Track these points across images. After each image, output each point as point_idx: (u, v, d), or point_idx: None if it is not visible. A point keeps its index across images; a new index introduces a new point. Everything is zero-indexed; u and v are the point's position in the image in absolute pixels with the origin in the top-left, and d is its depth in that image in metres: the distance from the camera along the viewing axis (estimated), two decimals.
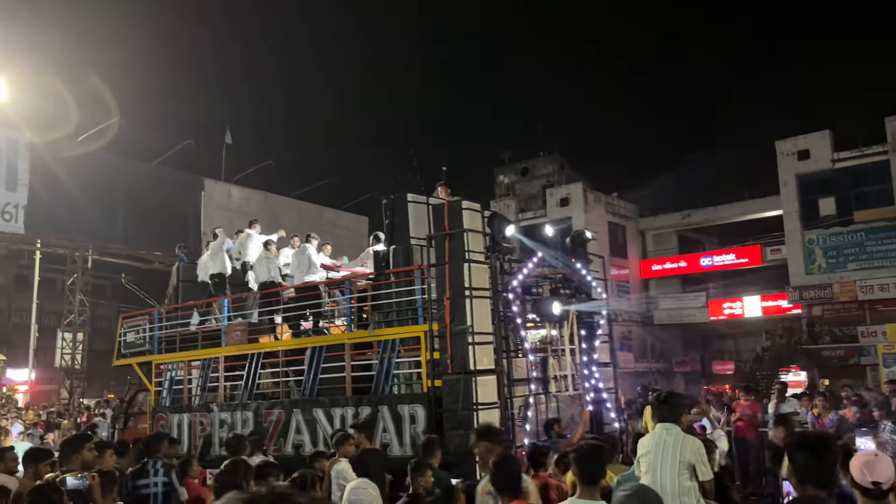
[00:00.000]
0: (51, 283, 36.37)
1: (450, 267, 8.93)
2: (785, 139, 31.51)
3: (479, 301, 8.88)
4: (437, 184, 11.14)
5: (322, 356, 10.29)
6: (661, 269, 38.03)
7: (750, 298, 34.39)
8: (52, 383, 31.69)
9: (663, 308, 37.35)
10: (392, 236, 10.15)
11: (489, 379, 8.78)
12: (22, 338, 36.60)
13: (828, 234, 30.25)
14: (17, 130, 23.75)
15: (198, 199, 28.87)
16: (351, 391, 9.76)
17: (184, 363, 12.44)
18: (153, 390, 12.84)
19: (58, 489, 4.32)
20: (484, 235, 9.33)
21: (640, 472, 5.09)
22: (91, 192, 24.21)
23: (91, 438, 6.21)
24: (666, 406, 5.20)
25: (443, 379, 8.78)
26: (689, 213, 37.01)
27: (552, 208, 36.71)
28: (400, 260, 9.84)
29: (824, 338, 28.80)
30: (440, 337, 8.91)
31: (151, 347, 13.15)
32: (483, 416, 8.41)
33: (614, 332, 34.95)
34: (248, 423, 10.53)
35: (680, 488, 4.79)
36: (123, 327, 14.21)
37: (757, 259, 34.31)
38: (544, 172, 40.85)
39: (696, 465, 4.85)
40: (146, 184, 26.36)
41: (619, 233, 37.78)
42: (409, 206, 9.93)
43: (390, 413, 9.00)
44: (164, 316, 13.21)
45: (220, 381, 11.68)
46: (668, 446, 4.91)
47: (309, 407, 9.96)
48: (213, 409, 11.26)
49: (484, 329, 8.89)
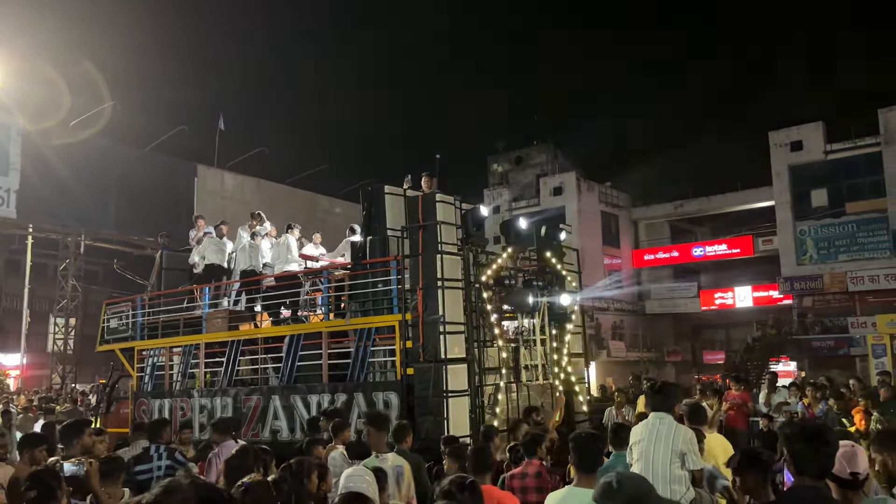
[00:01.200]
0: (43, 268, 36.19)
1: (423, 258, 9.16)
2: (778, 130, 31.62)
3: (451, 292, 9.12)
4: (422, 174, 11.27)
5: (300, 344, 10.45)
6: (653, 258, 38.18)
7: (741, 289, 34.62)
8: (44, 368, 31.60)
9: (655, 298, 37.54)
10: (369, 227, 10.28)
11: (460, 367, 9.01)
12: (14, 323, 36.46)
13: (819, 225, 30.41)
14: (9, 115, 23.60)
15: (191, 185, 28.79)
16: (327, 378, 9.94)
17: (165, 349, 12.65)
18: (135, 376, 12.98)
19: (56, 475, 4.32)
20: (457, 227, 9.52)
21: (632, 459, 5.16)
22: (83, 178, 24.12)
23: (91, 423, 6.23)
24: (660, 395, 5.27)
25: (414, 367, 9.01)
26: (682, 203, 37.14)
27: (545, 197, 36.74)
28: (376, 251, 10.01)
29: (815, 328, 29.02)
30: (413, 326, 9.12)
31: (134, 334, 13.28)
32: (453, 403, 8.67)
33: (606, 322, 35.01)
34: (227, 409, 10.72)
35: (671, 476, 4.88)
36: (107, 313, 14.34)
37: (749, 249, 34.50)
38: (538, 161, 40.81)
39: (687, 454, 4.93)
40: (139, 169, 26.27)
41: (612, 222, 37.88)
42: (385, 198, 10.09)
43: (365, 400, 9.22)
44: (147, 303, 13.33)
45: (201, 367, 11.87)
46: (661, 435, 4.98)
47: (287, 393, 10.13)
48: (193, 395, 11.48)
49: (456, 319, 9.12)
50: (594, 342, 33.02)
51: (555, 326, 10.74)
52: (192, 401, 11.41)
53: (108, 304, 14.67)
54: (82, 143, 24.65)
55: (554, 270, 10.87)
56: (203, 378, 11.87)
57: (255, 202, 30.82)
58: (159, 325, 12.73)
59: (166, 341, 12.58)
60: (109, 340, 13.93)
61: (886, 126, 28.76)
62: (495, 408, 9.34)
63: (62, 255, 29.10)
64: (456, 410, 8.75)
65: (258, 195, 31.35)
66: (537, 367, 10.20)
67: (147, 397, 12.34)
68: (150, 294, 13.72)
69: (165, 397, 11.99)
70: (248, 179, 31.55)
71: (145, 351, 13.06)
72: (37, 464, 5.44)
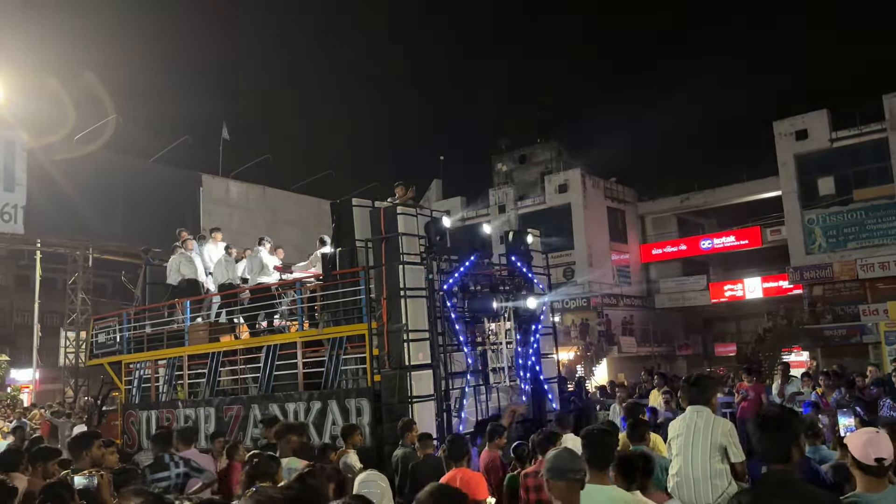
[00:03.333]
0: (52, 282, 36.38)
1: (386, 268, 9.50)
2: (783, 119, 31.44)
3: (414, 300, 9.44)
4: (394, 184, 11.54)
5: (276, 354, 10.80)
6: (661, 252, 38.03)
7: (751, 280, 34.44)
8: (57, 382, 31.73)
9: (664, 292, 37.39)
10: (338, 239, 10.59)
11: (425, 373, 9.32)
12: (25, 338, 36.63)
13: (827, 213, 30.22)
14: (13, 131, 23.70)
15: (196, 194, 28.85)
16: (303, 387, 10.25)
17: (151, 362, 13.06)
18: (123, 388, 13.39)
19: (69, 487, 4.32)
20: (419, 238, 9.81)
21: (671, 454, 5.07)
22: (89, 191, 24.19)
23: (100, 436, 6.23)
24: (696, 388, 5.16)
25: (381, 374, 9.33)
26: (688, 196, 36.97)
27: (551, 195, 36.66)
28: (346, 261, 10.29)
29: (826, 317, 28.82)
30: (379, 335, 9.45)
31: (121, 348, 13.63)
32: (418, 408, 8.99)
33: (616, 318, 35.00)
34: (210, 419, 11.08)
35: (712, 470, 4.76)
36: (95, 328, 14.78)
37: (757, 240, 34.32)
38: (542, 159, 40.73)
39: (727, 446, 4.81)
40: (144, 181, 26.33)
41: (618, 217, 37.76)
42: (354, 210, 10.41)
43: (338, 406, 9.54)
44: (133, 317, 13.65)
45: (185, 378, 12.21)
46: (700, 428, 4.88)
47: (265, 402, 10.45)
48: (178, 406, 11.87)
49: (419, 326, 9.43)
50: (604, 338, 32.91)
51: (522, 329, 10.98)
52: (177, 411, 11.77)
53: (95, 319, 15.13)
54: (87, 157, 24.72)
55: (521, 274, 11.17)
56: (187, 389, 12.23)
57: (261, 210, 30.94)
58: (145, 339, 13.10)
59: (151, 354, 12.98)
60: (98, 355, 14.32)
61: (892, 111, 28.54)
62: (461, 411, 9.60)
63: (70, 268, 29.19)
64: (422, 415, 8.97)
65: (263, 203, 31.41)
66: (503, 369, 10.42)
67: (135, 409, 12.75)
68: (135, 308, 14.02)
69: (152, 408, 12.37)
70: (254, 187, 31.59)
71: (132, 364, 13.43)
72: (49, 477, 5.44)
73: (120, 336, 13.67)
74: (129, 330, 13.48)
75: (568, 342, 33.23)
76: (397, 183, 11.45)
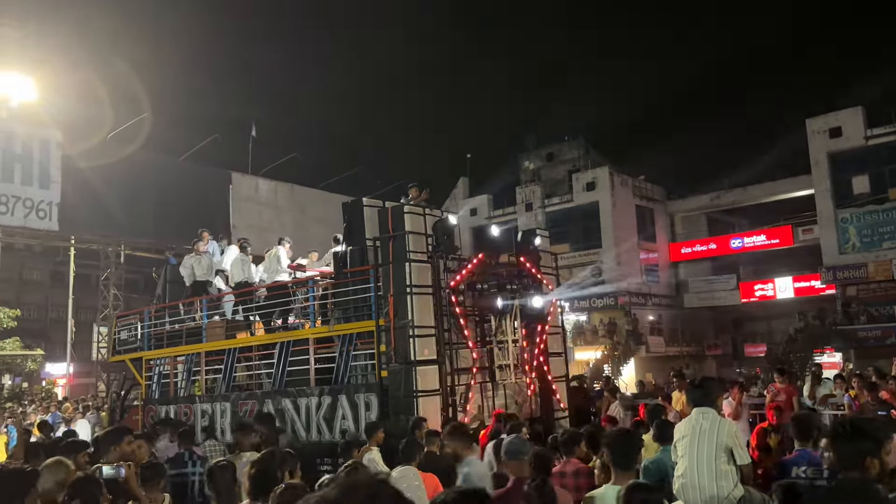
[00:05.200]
0: (85, 278, 37.05)
1: (393, 266, 9.74)
2: (816, 117, 30.91)
3: (420, 297, 9.65)
4: (409, 185, 11.82)
5: (289, 350, 11.07)
6: (690, 251, 37.61)
7: (782, 280, 33.92)
8: (90, 376, 32.37)
9: (693, 291, 36.99)
10: (350, 238, 10.84)
11: (430, 369, 9.53)
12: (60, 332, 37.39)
13: (862, 212, 29.65)
14: (48, 130, 24.17)
15: (226, 192, 29.17)
16: (315, 382, 10.49)
17: (170, 358, 13.46)
18: (143, 384, 13.73)
19: (97, 481, 4.38)
20: (427, 236, 10.03)
21: (676, 456, 5.04)
22: (121, 189, 24.58)
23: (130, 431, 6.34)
24: (701, 390, 5.15)
25: (388, 369, 9.57)
26: (719, 194, 36.49)
27: (578, 193, 36.44)
28: (356, 260, 10.54)
29: (860, 318, 28.29)
30: (386, 331, 9.69)
31: (142, 344, 13.97)
32: (423, 402, 9.21)
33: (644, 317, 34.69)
34: (226, 413, 11.36)
35: (717, 471, 4.72)
36: (117, 326, 15.27)
37: (788, 240, 33.79)
38: (570, 157, 40.48)
39: (733, 448, 4.77)
40: (174, 179, 26.69)
41: (646, 216, 37.41)
42: (364, 210, 10.61)
43: (348, 401, 9.83)
44: (153, 315, 14.00)
45: (202, 374, 12.65)
46: (705, 430, 4.85)
47: (278, 397, 10.71)
48: (195, 401, 12.17)
49: (426, 323, 9.63)
50: (632, 338, 32.66)
51: (529, 328, 11.14)
52: (194, 406, 12.08)
53: (118, 317, 15.62)
54: (119, 155, 25.12)
55: (529, 274, 11.33)
56: (204, 384, 12.60)
57: (289, 207, 31.19)
58: (164, 336, 13.43)
59: (170, 351, 13.32)
60: (120, 351, 14.70)
61: None
62: (466, 405, 9.78)
63: (103, 265, 29.73)
64: (427, 409, 9.16)
65: (292, 200, 31.66)
66: (510, 366, 10.60)
67: (155, 404, 13.10)
68: (156, 306, 14.42)
69: (171, 403, 12.69)
70: (282, 185, 31.86)
71: (152, 361, 13.82)
72: (80, 469, 5.54)
73: (140, 333, 14.05)
74: (150, 327, 13.85)
75: (595, 341, 33.04)
76: (411, 184, 11.79)
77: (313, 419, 10.18)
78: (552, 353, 11.61)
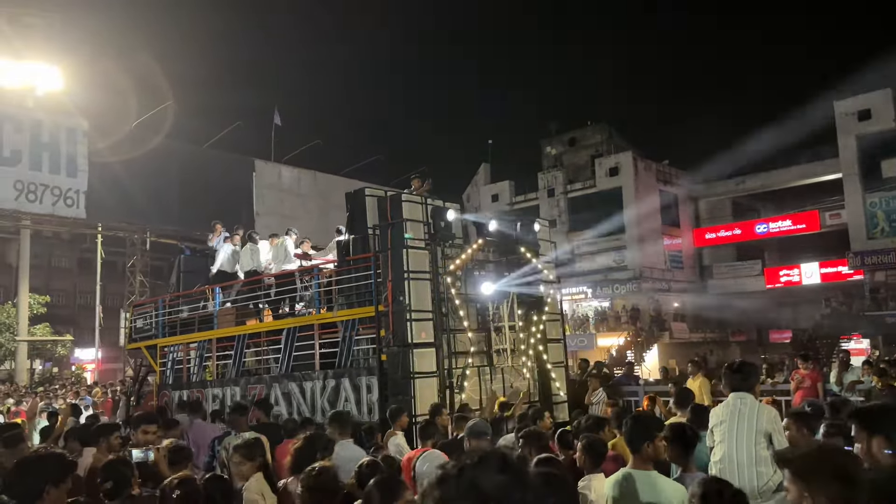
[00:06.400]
0: (112, 265, 37.58)
1: (391, 253, 10.09)
2: (844, 99, 30.38)
3: (418, 283, 9.98)
4: (411, 176, 12.27)
5: (296, 336, 11.43)
6: (714, 237, 37.28)
7: (808, 265, 33.52)
8: (118, 361, 32.89)
9: (718, 277, 36.68)
10: (352, 227, 11.17)
11: (427, 351, 9.87)
12: (88, 318, 38.04)
13: (891, 196, 29.18)
14: (74, 119, 24.45)
15: (249, 179, 29.35)
16: (319, 366, 10.86)
17: (183, 345, 13.86)
18: (158, 370, 14.18)
19: (129, 463, 4.50)
20: (424, 224, 10.36)
21: (712, 441, 4.98)
22: (146, 176, 24.83)
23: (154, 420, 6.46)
24: (739, 374, 5.06)
25: (387, 352, 9.90)
26: (744, 179, 36.07)
27: (601, 178, 36.21)
28: (359, 248, 10.90)
29: (888, 304, 27.91)
30: (385, 316, 10.01)
31: (157, 332, 14.41)
32: (420, 384, 9.58)
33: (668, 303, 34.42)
34: (235, 398, 11.63)
35: (757, 457, 4.65)
36: (133, 314, 15.73)
37: (815, 225, 33.34)
38: (592, 142, 40.15)
39: (773, 433, 4.71)
40: (199, 166, 26.90)
41: (670, 201, 37.10)
42: (366, 199, 10.91)
43: (350, 384, 10.23)
44: (168, 303, 14.43)
45: (213, 360, 13.06)
46: (744, 415, 4.77)
47: (285, 381, 11.16)
48: (207, 386, 12.66)
49: (423, 307, 9.98)
50: (655, 324, 32.50)
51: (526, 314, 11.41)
52: (206, 391, 12.50)
53: (134, 306, 16.21)
54: (144, 143, 25.35)
55: (527, 262, 11.59)
56: (215, 370, 12.97)
57: (312, 194, 31.32)
58: (178, 324, 13.86)
59: (183, 338, 13.73)
60: (137, 339, 15.16)
61: None
62: (463, 385, 10.14)
63: (129, 252, 30.15)
64: (423, 391, 9.54)
65: (315, 187, 31.77)
66: (506, 351, 10.90)
67: (169, 389, 13.54)
68: (170, 295, 14.84)
69: (184, 388, 13.10)
70: (305, 172, 31.98)
71: (166, 347, 14.23)
72: (112, 451, 5.67)
73: (155, 321, 14.50)
74: (164, 315, 14.31)
75: (618, 327, 32.92)
76: (413, 175, 12.35)
77: (318, 402, 10.56)
78: (550, 339, 11.94)
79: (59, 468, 3.72)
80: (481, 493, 1.30)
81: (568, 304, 36.30)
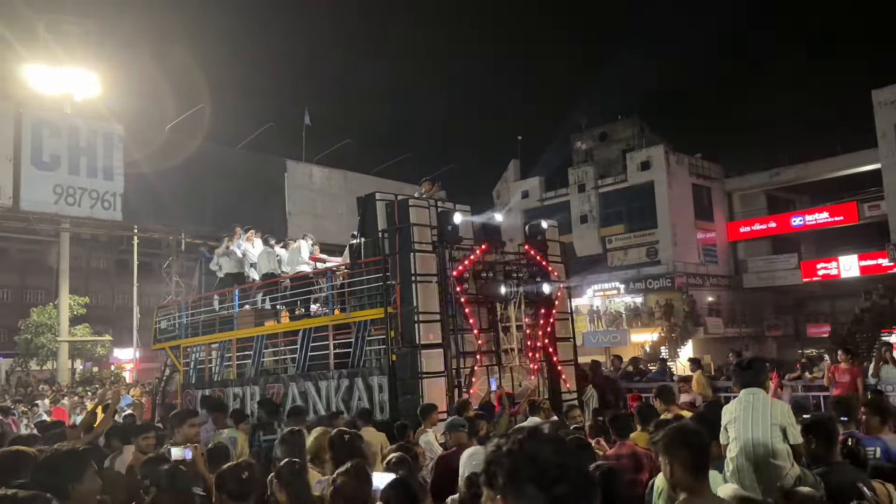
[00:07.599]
0: (148, 266, 38.27)
1: (400, 256, 10.41)
2: (882, 88, 29.72)
3: (425, 285, 10.29)
4: (422, 180, 12.63)
5: (311, 337, 11.74)
6: (749, 230, 36.75)
7: (846, 258, 32.85)
8: (155, 361, 33.44)
9: (753, 271, 36.15)
10: (364, 230, 11.45)
11: (435, 352, 10.18)
12: (126, 319, 38.75)
13: None
14: (110, 124, 24.94)
15: (281, 180, 29.61)
16: (334, 366, 11.18)
17: (205, 345, 14.23)
18: (181, 370, 14.56)
19: (167, 461, 4.60)
20: (431, 228, 10.63)
21: (726, 439, 4.96)
22: (179, 178, 25.19)
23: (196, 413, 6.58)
24: (750, 371, 5.08)
25: (396, 353, 10.18)
26: (779, 171, 35.47)
27: (632, 173, 35.89)
28: (370, 251, 11.19)
29: None
30: (393, 317, 10.32)
31: (180, 333, 14.81)
32: (428, 383, 9.87)
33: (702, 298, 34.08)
34: (255, 397, 11.98)
35: (773, 450, 4.64)
36: (158, 315, 16.12)
37: (853, 216, 32.68)
38: (623, 136, 39.73)
39: (787, 427, 4.71)
40: (231, 168, 27.23)
41: (704, 195, 36.64)
42: (377, 204, 11.20)
43: (363, 383, 10.54)
44: (191, 305, 14.82)
45: (233, 360, 13.36)
46: (758, 409, 4.79)
47: (302, 380, 11.49)
48: (228, 385, 13.00)
49: (430, 309, 10.28)
50: (690, 319, 32.14)
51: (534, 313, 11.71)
52: (227, 390, 12.83)
53: (159, 308, 16.45)
54: (178, 145, 25.73)
55: (535, 263, 11.88)
56: (235, 369, 13.27)
57: (343, 194, 31.49)
58: (200, 325, 14.23)
59: (205, 339, 14.10)
60: (161, 340, 15.55)
61: None
62: (470, 386, 10.35)
63: (165, 253, 30.62)
64: (431, 390, 9.82)
65: (345, 187, 31.93)
66: (514, 350, 11.13)
67: (192, 388, 13.92)
68: (192, 297, 15.31)
69: (206, 387, 13.48)
70: (336, 172, 32.17)
71: (189, 348, 14.61)
72: (143, 451, 5.80)
73: (178, 323, 14.85)
74: (187, 317, 14.67)
75: (651, 323, 32.63)
76: (424, 179, 12.73)
77: (332, 400, 10.85)
78: (560, 338, 12.14)
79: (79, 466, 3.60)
80: (540, 458, 1.62)
81: (600, 301, 36.10)
